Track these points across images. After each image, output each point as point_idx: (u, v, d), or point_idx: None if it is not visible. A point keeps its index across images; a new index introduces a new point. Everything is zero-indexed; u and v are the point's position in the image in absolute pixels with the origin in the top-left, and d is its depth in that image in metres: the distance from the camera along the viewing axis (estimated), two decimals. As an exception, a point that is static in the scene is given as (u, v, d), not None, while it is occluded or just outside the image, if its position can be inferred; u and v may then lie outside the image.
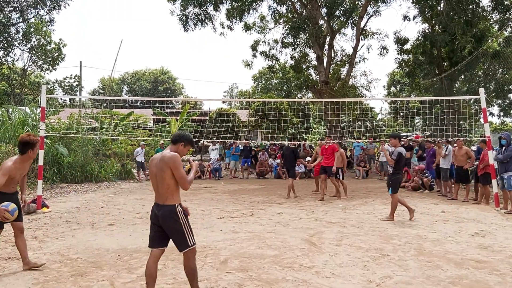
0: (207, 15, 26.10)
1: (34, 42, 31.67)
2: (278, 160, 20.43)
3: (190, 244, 4.27)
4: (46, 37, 32.04)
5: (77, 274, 5.38)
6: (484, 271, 5.47)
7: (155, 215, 4.29)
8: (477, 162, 12.28)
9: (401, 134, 27.97)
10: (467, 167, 12.54)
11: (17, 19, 30.66)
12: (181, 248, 4.28)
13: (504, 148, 10.37)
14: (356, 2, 25.83)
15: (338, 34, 27.18)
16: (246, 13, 26.15)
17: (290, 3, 26.40)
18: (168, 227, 4.25)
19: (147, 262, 4.36)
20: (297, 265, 5.74)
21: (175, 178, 4.22)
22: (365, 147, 23.24)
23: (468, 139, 18.20)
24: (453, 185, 13.16)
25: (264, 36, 28.31)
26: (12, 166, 5.42)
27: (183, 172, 4.25)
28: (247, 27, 27.29)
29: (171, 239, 4.36)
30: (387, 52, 27.14)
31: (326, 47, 26.06)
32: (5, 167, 5.37)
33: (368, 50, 48.88)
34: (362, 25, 25.46)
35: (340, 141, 19.11)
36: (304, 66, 27.53)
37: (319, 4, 25.12)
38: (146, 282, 4.30)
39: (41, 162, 10.75)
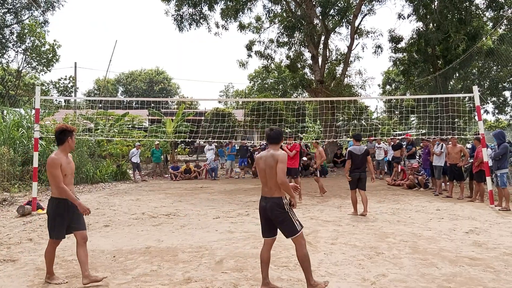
0: (201, 15, 26.10)
1: (28, 43, 31.57)
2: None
3: (298, 229, 4.63)
4: (41, 38, 31.94)
5: (72, 275, 5.37)
6: (479, 268, 5.50)
7: (263, 207, 4.72)
8: (471, 160, 12.35)
9: (396, 132, 28.08)
10: (461, 165, 12.59)
11: (11, 21, 30.56)
12: (290, 234, 4.63)
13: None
14: (351, 1, 25.88)
15: (332, 33, 27.24)
16: (241, 13, 26.16)
17: (284, 2, 26.41)
18: (276, 218, 4.63)
19: (262, 249, 4.83)
20: (292, 264, 5.75)
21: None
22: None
23: (462, 136, 18.24)
24: (448, 183, 13.23)
25: (259, 36, 28.34)
26: (56, 158, 4.97)
27: (285, 167, 4.65)
28: (242, 27, 27.30)
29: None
30: (381, 51, 27.23)
31: (321, 46, 26.10)
32: (50, 162, 4.94)
33: (363, 49, 48.96)
34: (356, 24, 25.54)
35: (335, 139, 19.19)
36: (299, 66, 27.56)
37: (314, 3, 25.14)
38: (261, 266, 4.78)
39: (36, 163, 10.73)
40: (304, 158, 21.00)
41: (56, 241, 5.11)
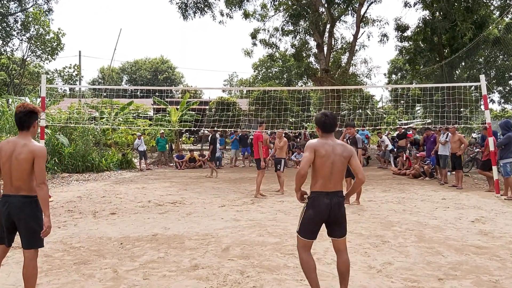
0: (206, 3, 25.92)
1: (32, 32, 31.54)
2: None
3: (346, 231, 4.19)
4: (45, 27, 31.90)
5: (80, 262, 5.41)
6: (484, 257, 5.50)
7: (327, 204, 3.98)
8: (477, 150, 12.34)
9: (401, 122, 27.97)
10: (459, 153, 12.54)
11: (15, 9, 30.53)
12: (344, 233, 4.14)
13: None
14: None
15: (338, 21, 27.00)
16: (245, 1, 25.99)
17: (290, -11, 26.20)
18: (340, 216, 4.08)
19: (304, 257, 4.11)
20: (298, 252, 5.77)
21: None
22: (369, 135, 23.27)
23: (468, 126, 18.17)
24: (454, 172, 13.20)
25: (264, 24, 28.12)
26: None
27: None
28: (246, 15, 27.13)
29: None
30: (387, 40, 27.01)
31: (326, 34, 25.90)
32: (45, 153, 4.03)
33: (369, 37, 48.82)
34: (362, 12, 25.27)
35: (340, 129, 19.11)
36: (304, 54, 27.40)
37: (319, -9, 24.92)
38: (310, 277, 4.12)
39: (42, 152, 10.75)
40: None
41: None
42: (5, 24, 29.67)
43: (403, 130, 18.48)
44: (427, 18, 26.08)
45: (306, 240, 4.10)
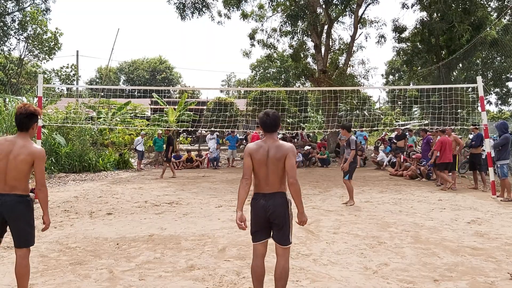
0: (204, 3, 25.89)
1: (30, 31, 31.47)
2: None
3: (290, 241, 4.03)
4: (42, 26, 31.84)
5: (76, 263, 5.41)
6: (480, 258, 5.52)
7: (263, 206, 3.94)
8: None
9: (398, 123, 28.01)
10: (455, 154, 12.59)
11: (13, 8, 30.46)
12: (288, 241, 4.00)
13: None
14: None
15: (336, 22, 26.99)
16: (243, 1, 25.98)
17: (287, -10, 26.20)
18: (278, 217, 3.93)
19: (253, 264, 4.15)
20: (294, 253, 5.77)
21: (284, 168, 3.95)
22: (367, 136, 23.24)
23: (465, 127, 18.20)
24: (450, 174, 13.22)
25: (262, 25, 28.09)
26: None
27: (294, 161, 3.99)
28: (244, 16, 27.10)
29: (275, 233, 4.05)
30: (385, 41, 27.02)
31: (324, 35, 25.92)
32: (44, 155, 4.12)
33: (366, 38, 48.83)
34: (360, 13, 25.27)
35: (337, 130, 19.14)
36: (302, 55, 27.40)
37: (317, -8, 24.92)
38: (254, 284, 4.16)
39: (38, 151, 10.73)
40: (307, 147, 21.03)
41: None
42: (2, 24, 29.61)
43: (401, 131, 18.49)
44: (425, 19, 26.16)
45: (255, 244, 4.11)
